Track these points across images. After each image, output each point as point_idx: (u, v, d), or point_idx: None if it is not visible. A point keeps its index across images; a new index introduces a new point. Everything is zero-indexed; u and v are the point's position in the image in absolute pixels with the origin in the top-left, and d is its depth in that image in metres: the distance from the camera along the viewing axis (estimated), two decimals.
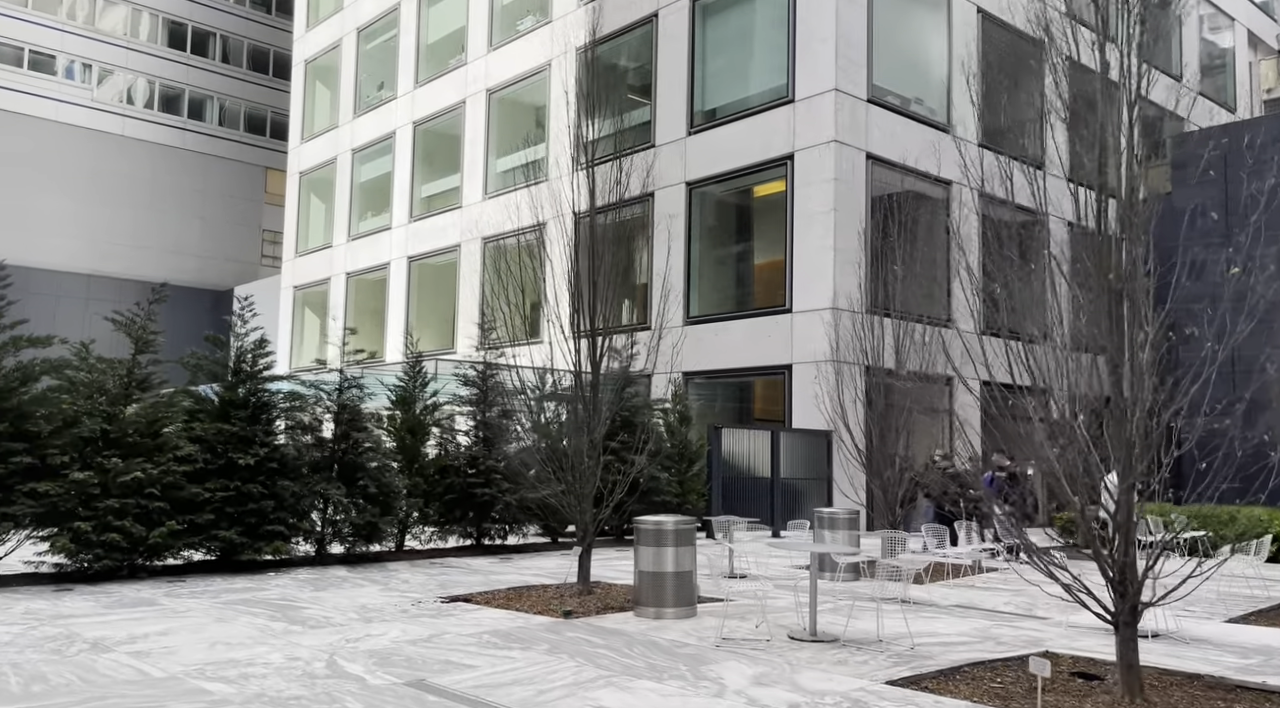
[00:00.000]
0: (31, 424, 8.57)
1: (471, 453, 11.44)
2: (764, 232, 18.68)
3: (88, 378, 9.00)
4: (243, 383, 10.02)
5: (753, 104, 17.67)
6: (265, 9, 39.96)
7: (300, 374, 10.65)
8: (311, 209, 30.60)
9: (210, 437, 9.48)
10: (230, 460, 9.46)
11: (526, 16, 23.09)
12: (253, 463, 9.42)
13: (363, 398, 10.53)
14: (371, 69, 28.56)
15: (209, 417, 9.69)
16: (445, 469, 11.34)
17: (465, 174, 23.97)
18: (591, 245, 9.54)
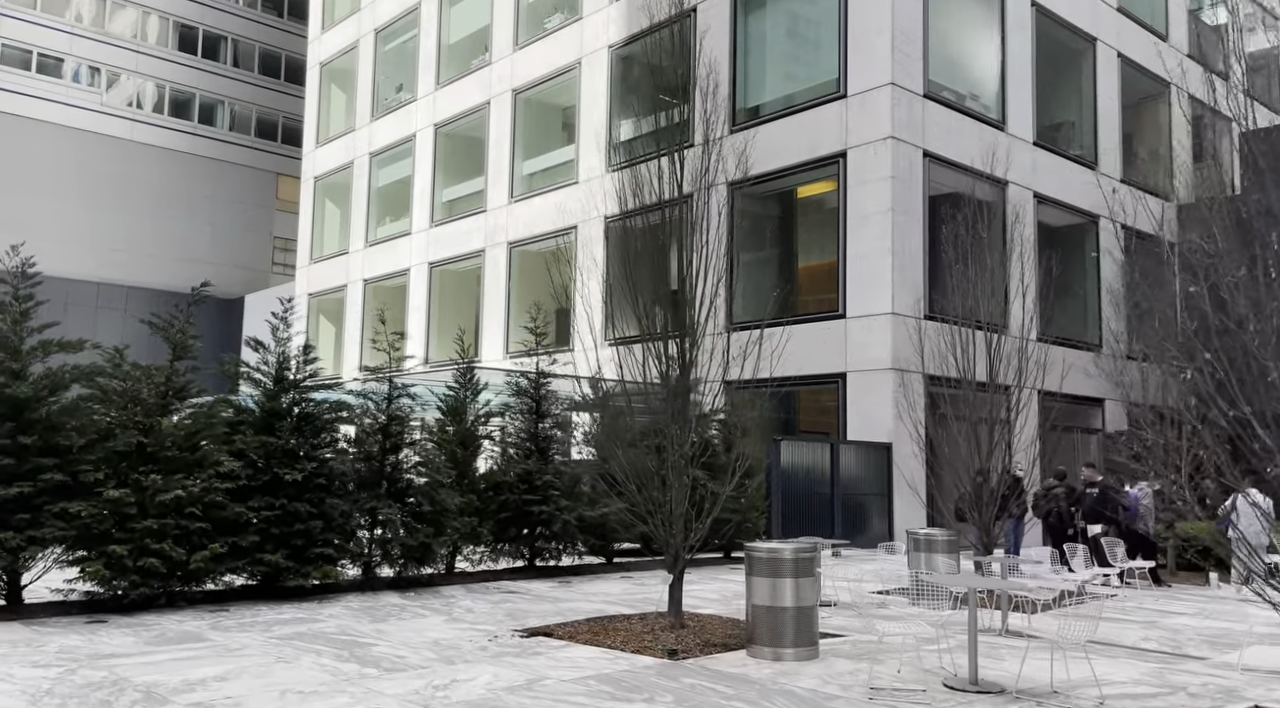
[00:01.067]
0: (62, 437, 7.76)
1: (526, 467, 10.62)
2: (810, 234, 17.93)
3: (122, 386, 8.20)
4: (286, 391, 9.23)
5: (799, 101, 16.93)
6: (277, 13, 39.30)
7: (346, 382, 9.86)
8: (326, 215, 29.84)
9: (253, 451, 8.67)
10: (275, 476, 8.65)
11: (554, 15, 22.37)
12: (299, 479, 8.61)
13: (414, 408, 9.72)
14: (389, 71, 27.85)
15: (251, 429, 8.89)
16: (499, 485, 10.53)
17: (490, 177, 23.21)
18: (683, 237, 8.65)
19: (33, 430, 7.61)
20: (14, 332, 7.88)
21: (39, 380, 7.77)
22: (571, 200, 20.91)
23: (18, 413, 7.64)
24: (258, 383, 9.26)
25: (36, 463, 7.53)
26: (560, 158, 22.06)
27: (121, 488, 7.76)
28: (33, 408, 7.66)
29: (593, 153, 20.56)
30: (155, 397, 8.37)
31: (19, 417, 7.63)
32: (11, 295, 7.96)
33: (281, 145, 39.00)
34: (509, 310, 22.08)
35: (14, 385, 7.61)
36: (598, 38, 20.68)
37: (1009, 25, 17.65)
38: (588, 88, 20.82)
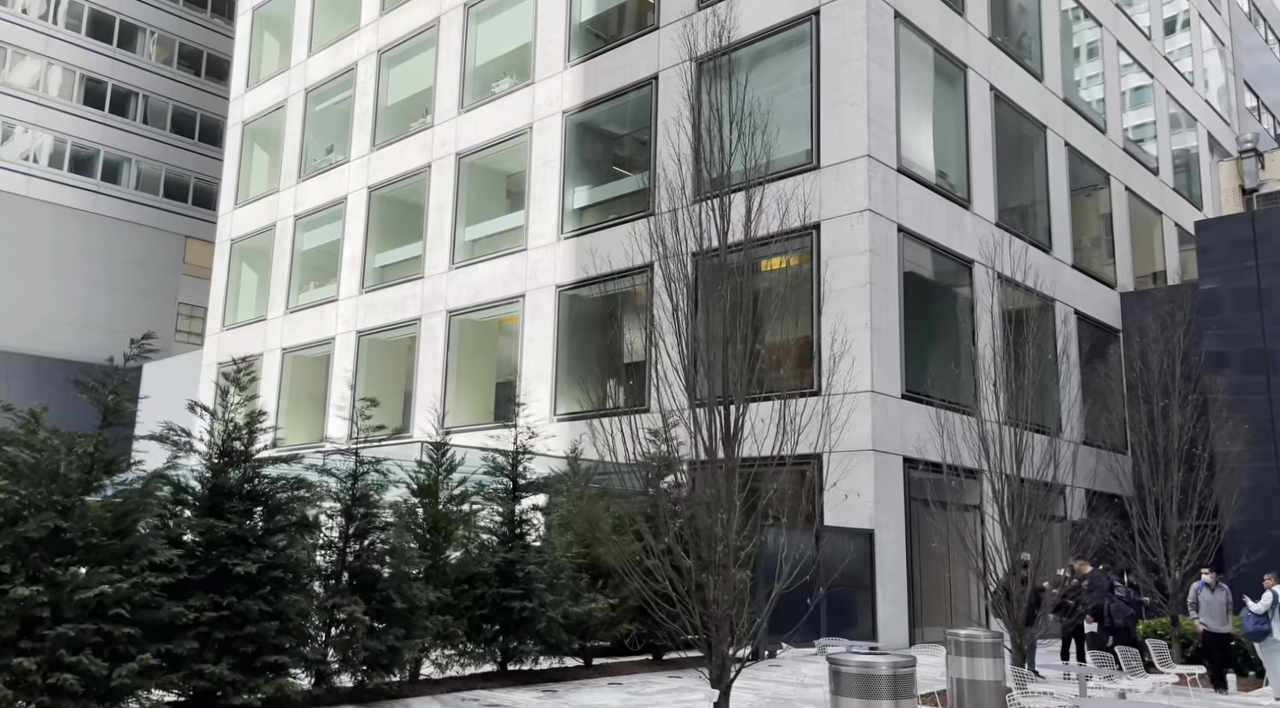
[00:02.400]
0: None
1: (507, 557, 9.30)
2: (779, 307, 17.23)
3: (35, 458, 6.70)
4: (235, 465, 7.81)
5: (768, 172, 16.36)
6: (194, 71, 37.74)
7: (303, 454, 8.48)
8: (243, 280, 28.07)
9: (198, 536, 7.22)
10: (223, 568, 7.18)
11: (503, 79, 21.64)
12: (254, 571, 7.16)
13: (385, 486, 8.39)
14: (320, 131, 26.62)
15: (195, 510, 7.43)
16: (474, 578, 9.18)
17: (429, 242, 22.03)
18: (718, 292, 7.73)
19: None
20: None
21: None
22: (520, 268, 19.88)
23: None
24: (201, 455, 7.83)
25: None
26: (507, 224, 21.09)
27: (32, 585, 6.23)
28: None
29: (543, 219, 19.66)
30: (78, 471, 6.89)
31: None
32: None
33: (192, 207, 37.05)
34: (446, 381, 20.72)
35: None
36: (550, 103, 19.98)
37: (971, 107, 17.64)
38: (539, 153, 20.01)
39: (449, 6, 22.80)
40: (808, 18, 16.00)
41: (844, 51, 15.38)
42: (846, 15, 15.42)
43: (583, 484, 10.60)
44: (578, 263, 18.83)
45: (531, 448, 10.06)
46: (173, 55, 36.72)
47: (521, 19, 21.32)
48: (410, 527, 8.72)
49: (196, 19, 37.49)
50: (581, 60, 19.66)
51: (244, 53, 29.64)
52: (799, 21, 16.18)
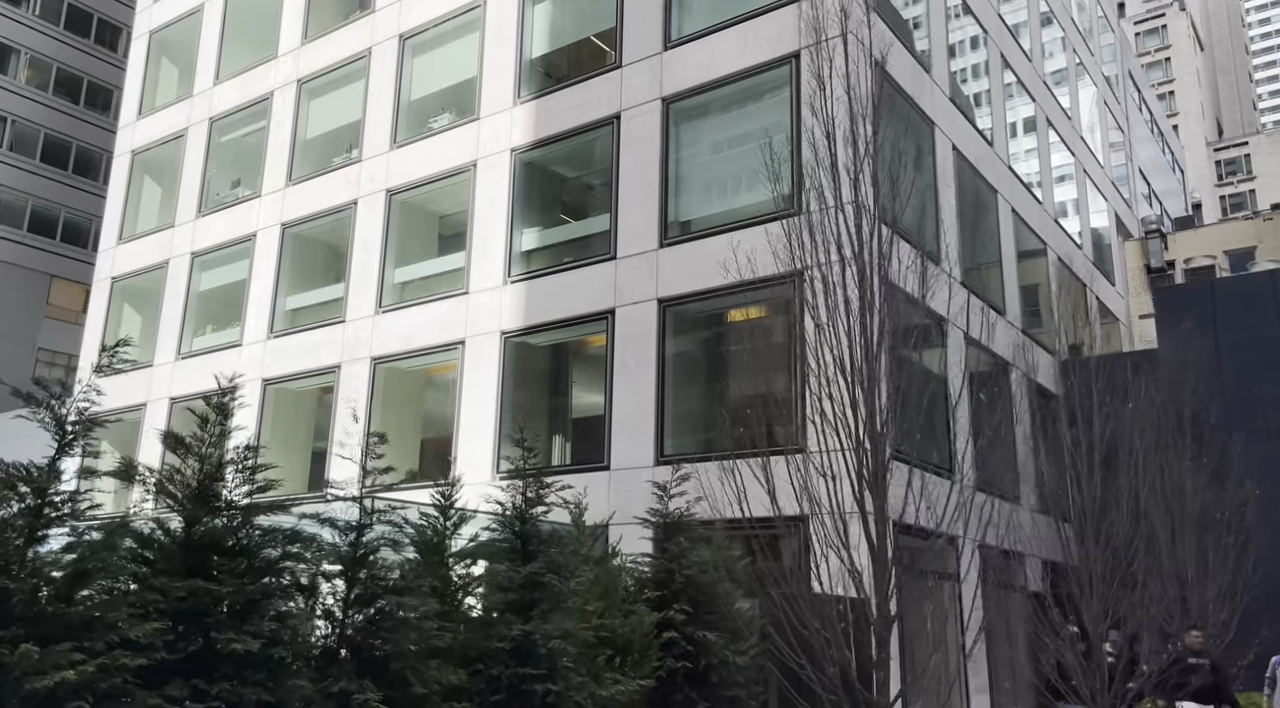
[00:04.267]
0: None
1: (525, 629, 7.78)
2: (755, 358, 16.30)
3: None
4: (212, 513, 6.15)
5: (740, 217, 15.59)
6: (71, 98, 34.82)
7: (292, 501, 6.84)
8: (124, 322, 25.37)
9: (178, 603, 5.52)
10: (209, 644, 5.50)
11: (442, 114, 20.35)
12: (256, 649, 5.51)
13: (401, 545, 6.84)
14: (225, 164, 24.57)
15: (170, 569, 5.73)
16: (485, 655, 7.62)
17: (352, 284, 20.25)
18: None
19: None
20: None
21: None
22: (459, 312, 18.36)
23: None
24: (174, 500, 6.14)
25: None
26: (444, 265, 19.60)
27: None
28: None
29: (487, 261, 18.27)
30: (24, 516, 5.17)
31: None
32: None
33: (60, 244, 33.75)
34: (368, 433, 18.77)
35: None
36: (498, 140, 18.79)
37: (939, 163, 17.42)
38: (484, 192, 18.71)
39: (382, 37, 21.47)
40: (786, 61, 15.45)
41: None
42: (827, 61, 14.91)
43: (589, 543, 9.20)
44: (527, 308, 17.50)
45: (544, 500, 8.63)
46: (48, 80, 33.79)
47: (464, 53, 20.18)
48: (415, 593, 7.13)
49: (77, 44, 34.73)
50: (533, 97, 18.61)
51: (137, 78, 27.36)
52: (775, 65, 15.62)
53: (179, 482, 6.18)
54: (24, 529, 5.20)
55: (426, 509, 8.35)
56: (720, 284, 15.20)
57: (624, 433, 15.76)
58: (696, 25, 16.67)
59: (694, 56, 16.48)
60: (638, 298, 16.12)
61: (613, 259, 16.65)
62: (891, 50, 16.23)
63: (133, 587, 5.63)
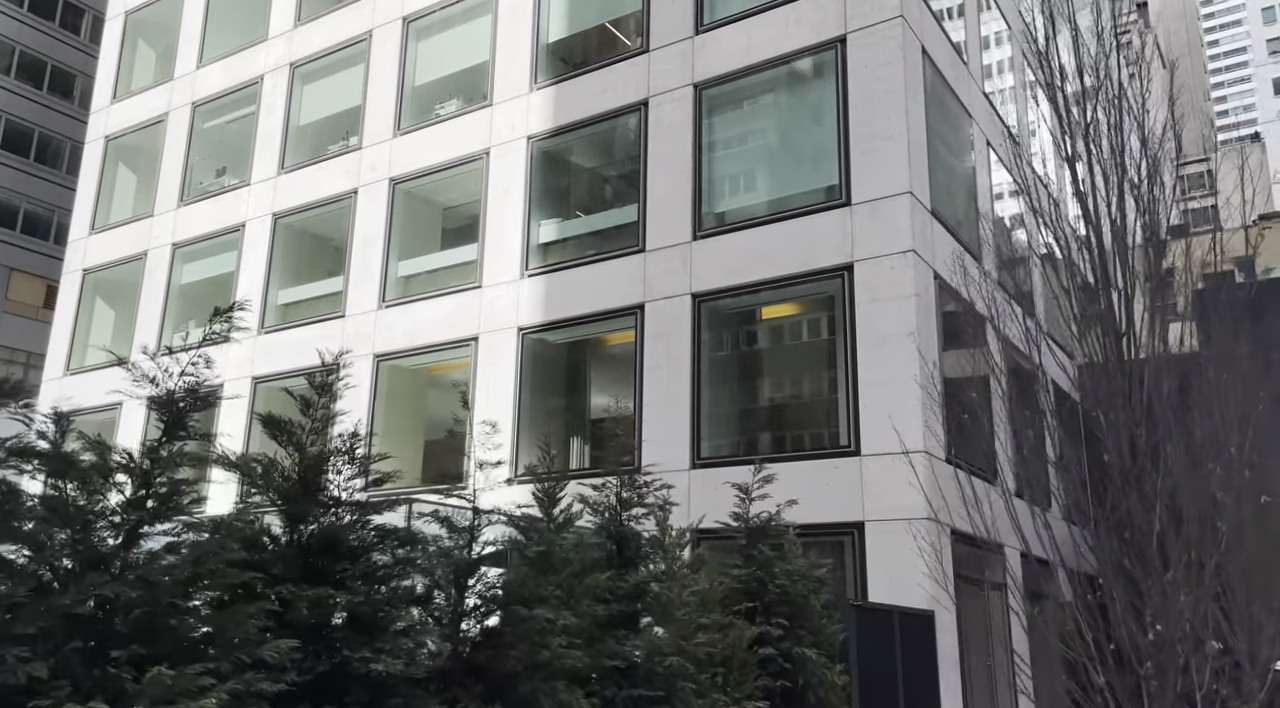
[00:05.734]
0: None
1: (638, 645, 6.93)
2: (796, 356, 15.63)
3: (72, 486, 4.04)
4: (325, 510, 5.25)
5: (783, 208, 14.90)
6: (35, 84, 33.12)
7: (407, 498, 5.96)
8: (95, 317, 23.96)
9: (299, 615, 4.61)
10: (342, 664, 4.59)
11: (450, 101, 19.40)
12: (397, 670, 4.61)
13: (529, 552, 5.96)
14: (208, 151, 23.34)
15: (286, 575, 4.80)
16: (598, 673, 6.75)
17: (352, 277, 19.19)
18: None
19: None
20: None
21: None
22: (471, 307, 17.41)
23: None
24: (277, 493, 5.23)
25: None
26: (454, 259, 18.64)
27: (87, 701, 3.53)
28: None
29: (502, 254, 17.36)
30: (125, 510, 4.24)
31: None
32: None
33: (19, 235, 31.99)
34: (370, 436, 17.73)
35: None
36: (513, 127, 17.90)
37: (976, 156, 16.92)
38: (497, 181, 17.80)
39: (383, 20, 20.47)
40: (831, 45, 14.80)
41: (877, 82, 14.22)
42: (879, 45, 14.32)
43: (685, 549, 8.37)
44: (547, 303, 16.62)
45: (643, 500, 7.78)
46: (10, 64, 32.07)
47: (474, 37, 19.28)
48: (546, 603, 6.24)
49: (41, 27, 33.05)
50: (551, 83, 17.76)
51: (112, 60, 25.98)
52: (819, 49, 14.96)
53: (279, 473, 5.26)
54: (124, 526, 4.26)
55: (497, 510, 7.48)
56: (764, 277, 14.52)
57: (656, 434, 14.92)
58: (731, 9, 15.97)
59: (729, 41, 15.77)
60: (669, 292, 15.33)
61: (641, 252, 15.85)
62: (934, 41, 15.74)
63: (241, 595, 4.70)
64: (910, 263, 13.37)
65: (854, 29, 14.56)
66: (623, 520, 7.81)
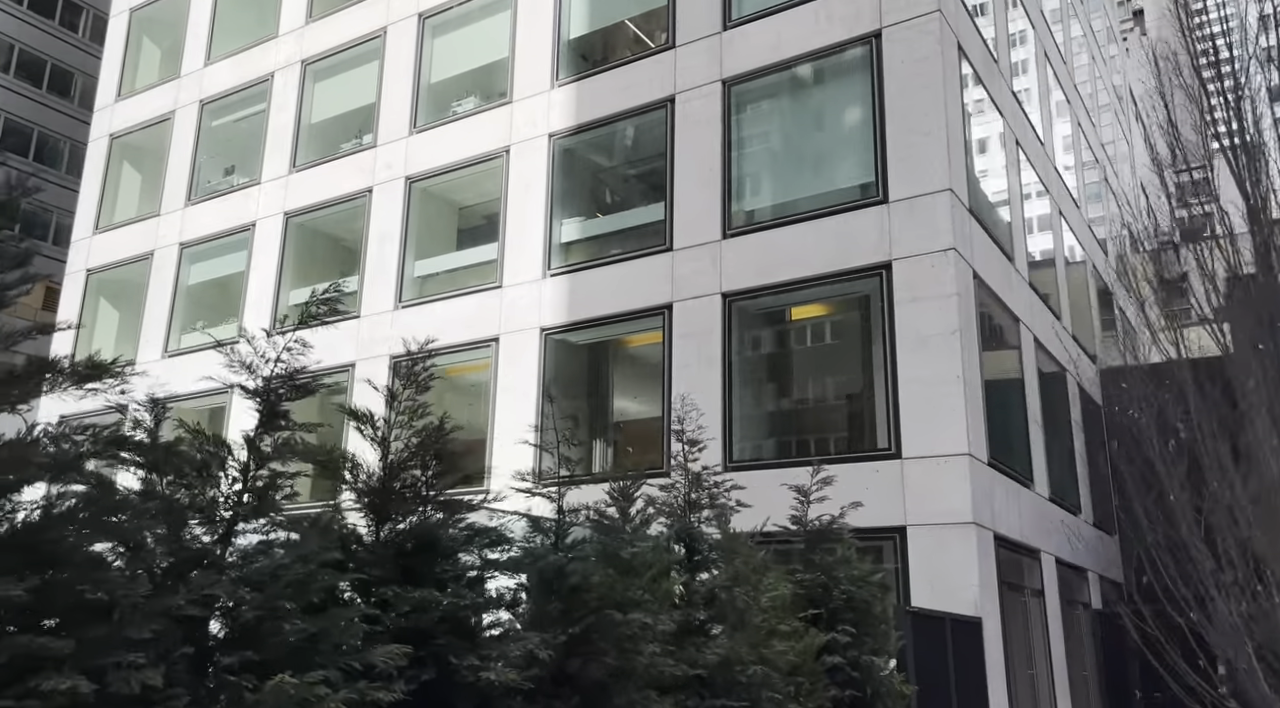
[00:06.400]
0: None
1: (720, 653, 6.59)
2: (831, 356, 15.35)
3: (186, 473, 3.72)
4: (405, 508, 4.92)
5: (816, 206, 14.61)
6: (34, 83, 32.63)
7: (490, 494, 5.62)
8: (99, 318, 23.49)
9: (400, 619, 4.27)
10: (447, 672, 4.26)
11: (467, 98, 19.08)
12: (510, 679, 4.27)
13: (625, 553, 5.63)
14: (216, 149, 22.94)
15: (383, 576, 4.46)
16: (679, 682, 6.41)
17: (367, 277, 18.83)
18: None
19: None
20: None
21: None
22: (491, 307, 17.07)
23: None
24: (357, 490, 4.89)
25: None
26: (473, 258, 18.30)
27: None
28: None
29: (523, 253, 17.03)
30: (226, 505, 3.92)
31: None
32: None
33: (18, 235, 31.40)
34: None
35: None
36: (534, 124, 17.59)
37: (1007, 151, 16.69)
38: (518, 179, 17.48)
39: (398, 16, 20.14)
40: (865, 40, 14.55)
41: (914, 78, 13.97)
42: (915, 40, 14.07)
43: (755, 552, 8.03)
44: (570, 303, 16.29)
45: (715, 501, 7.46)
46: (9, 62, 31.57)
47: (492, 34, 18.98)
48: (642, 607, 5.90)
49: (41, 24, 32.56)
50: (573, 80, 17.47)
51: (116, 58, 25.55)
52: (852, 45, 14.71)
53: (364, 469, 4.93)
54: (221, 522, 3.93)
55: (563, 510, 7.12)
56: (798, 276, 14.23)
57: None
58: (759, 4, 15.70)
59: (758, 36, 15.51)
60: (699, 292, 15.02)
61: (669, 250, 15.54)
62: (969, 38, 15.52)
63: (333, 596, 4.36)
64: (951, 261, 13.10)
65: (889, 24, 14.32)
66: (692, 522, 7.50)
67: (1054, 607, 14.96)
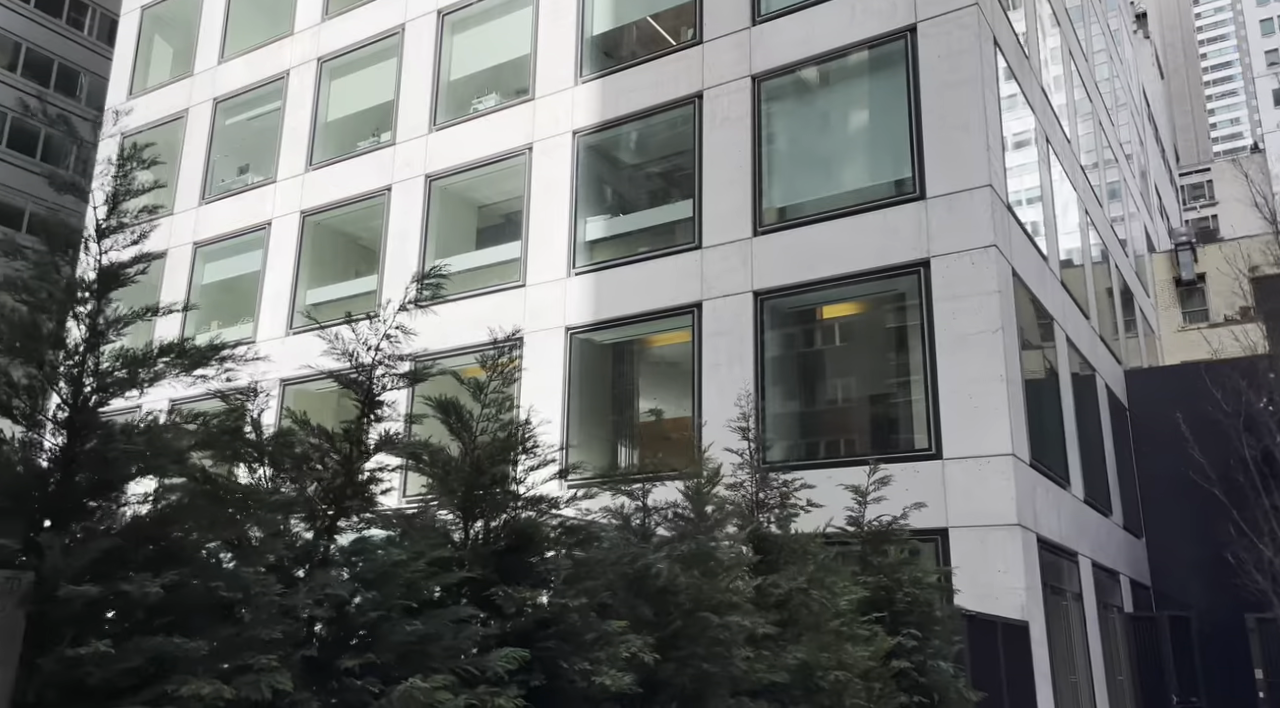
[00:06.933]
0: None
1: (801, 658, 6.35)
2: (865, 355, 15.13)
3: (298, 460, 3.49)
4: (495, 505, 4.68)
5: (850, 202, 14.38)
6: (43, 83, 32.36)
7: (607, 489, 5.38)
8: None
9: (514, 620, 4.03)
10: (559, 678, 4.02)
11: (488, 95, 18.85)
12: (625, 685, 4.03)
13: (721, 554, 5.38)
14: (230, 148, 22.69)
15: (486, 577, 4.22)
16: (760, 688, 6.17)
17: (386, 276, 18.58)
18: None
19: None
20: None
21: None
22: (513, 306, 16.82)
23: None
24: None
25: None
26: (493, 257, 18.05)
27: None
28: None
29: (547, 251, 16.80)
30: (325, 500, 3.69)
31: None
32: None
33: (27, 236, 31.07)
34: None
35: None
36: (557, 122, 17.36)
37: (1039, 147, 16.49)
38: (541, 177, 17.25)
39: (417, 13, 19.91)
40: (901, 35, 14.34)
41: (951, 72, 13.76)
42: (953, 34, 13.86)
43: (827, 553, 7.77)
44: (596, 302, 16.05)
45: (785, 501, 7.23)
46: (16, 61, 31.28)
47: (513, 31, 18.75)
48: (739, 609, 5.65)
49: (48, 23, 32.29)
50: (597, 76, 17.24)
51: (128, 56, 25.30)
52: (888, 40, 14.50)
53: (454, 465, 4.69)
54: (322, 518, 3.68)
55: None
56: (832, 274, 14.01)
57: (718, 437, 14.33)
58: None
59: (789, 31, 15.29)
60: (729, 290, 14.79)
61: (698, 248, 15.32)
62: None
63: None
64: (992, 258, 12.88)
65: (925, 18, 14.11)
66: (763, 523, 7.28)
67: (1092, 610, 14.73)
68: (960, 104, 13.57)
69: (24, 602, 2.43)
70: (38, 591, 2.50)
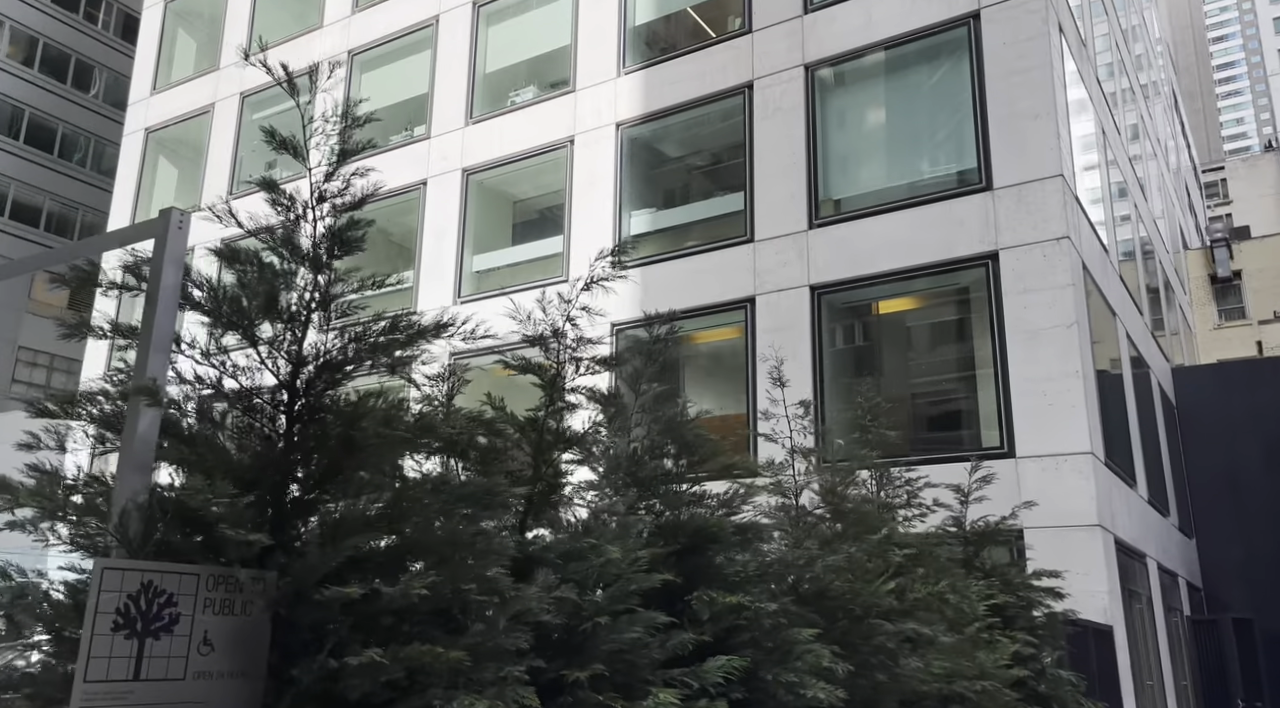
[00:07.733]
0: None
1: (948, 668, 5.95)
2: (929, 351, 14.73)
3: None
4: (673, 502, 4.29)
5: (912, 194, 14.00)
6: (59, 79, 31.95)
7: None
8: (136, 315, 22.79)
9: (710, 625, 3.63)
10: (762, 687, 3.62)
11: (527, 87, 18.46)
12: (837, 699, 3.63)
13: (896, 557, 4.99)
14: (258, 142, 22.27)
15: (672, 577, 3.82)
16: None
17: (423, 271, 18.19)
18: None
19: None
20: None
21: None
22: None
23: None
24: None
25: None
26: (534, 252, 17.68)
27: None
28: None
29: (590, 246, 16.36)
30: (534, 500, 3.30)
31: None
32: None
33: (45, 233, 30.75)
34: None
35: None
36: (599, 114, 16.97)
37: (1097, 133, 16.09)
38: (583, 171, 16.86)
39: (451, 5, 19.53)
40: (964, 22, 13.95)
41: (1019, 59, 13.37)
42: (1019, 20, 13.48)
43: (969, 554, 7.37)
44: (644, 297, 15.64)
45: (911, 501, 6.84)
46: (33, 56, 30.91)
47: (552, 21, 18.37)
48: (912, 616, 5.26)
49: (65, 18, 31.93)
50: (641, 67, 16.86)
51: (151, 50, 24.92)
52: (950, 27, 14.11)
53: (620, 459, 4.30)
54: (516, 514, 3.30)
55: None
56: (894, 268, 13.62)
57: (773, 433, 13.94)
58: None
59: (845, 19, 14.91)
60: (784, 284, 14.40)
61: (750, 242, 14.93)
62: None
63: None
64: (1065, 250, 12.48)
65: (989, 4, 13.73)
66: (898, 524, 6.89)
67: (1160, 613, 14.34)
68: (1029, 91, 13.18)
69: (276, 604, 2.04)
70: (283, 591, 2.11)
